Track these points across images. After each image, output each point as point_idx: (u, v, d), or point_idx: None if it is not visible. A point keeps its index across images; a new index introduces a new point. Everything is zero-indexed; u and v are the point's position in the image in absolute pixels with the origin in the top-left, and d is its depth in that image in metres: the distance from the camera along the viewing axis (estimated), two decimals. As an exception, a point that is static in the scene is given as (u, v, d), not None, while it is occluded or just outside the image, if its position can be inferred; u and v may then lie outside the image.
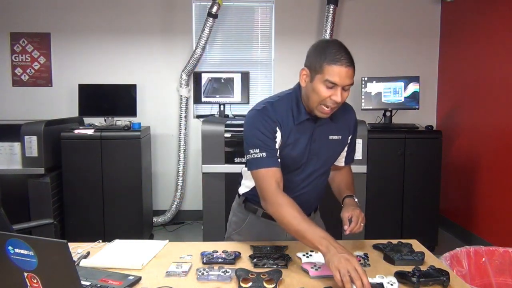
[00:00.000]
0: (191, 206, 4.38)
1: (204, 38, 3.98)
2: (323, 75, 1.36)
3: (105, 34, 4.24)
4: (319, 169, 1.56)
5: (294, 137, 1.47)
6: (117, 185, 3.50)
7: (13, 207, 2.36)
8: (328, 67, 1.35)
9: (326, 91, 1.37)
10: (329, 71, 1.35)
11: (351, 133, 1.63)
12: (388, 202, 3.54)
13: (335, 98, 1.37)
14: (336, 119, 1.54)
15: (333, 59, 1.35)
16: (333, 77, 1.35)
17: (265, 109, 1.46)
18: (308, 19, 4.30)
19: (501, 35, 3.37)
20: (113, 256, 1.45)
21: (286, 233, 1.58)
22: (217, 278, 1.28)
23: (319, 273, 1.30)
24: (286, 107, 1.48)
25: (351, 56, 1.38)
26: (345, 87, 1.39)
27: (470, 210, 3.75)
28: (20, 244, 0.93)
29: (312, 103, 1.43)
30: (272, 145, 1.44)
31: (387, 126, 3.80)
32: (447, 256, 1.78)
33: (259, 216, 1.61)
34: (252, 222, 1.64)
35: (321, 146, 1.52)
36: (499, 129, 3.37)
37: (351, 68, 1.37)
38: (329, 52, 1.36)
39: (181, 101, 4.20)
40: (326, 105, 1.40)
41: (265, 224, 1.61)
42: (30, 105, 4.22)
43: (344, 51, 1.37)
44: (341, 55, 1.35)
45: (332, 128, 1.54)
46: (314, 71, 1.39)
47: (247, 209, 1.65)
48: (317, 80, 1.39)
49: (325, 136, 1.53)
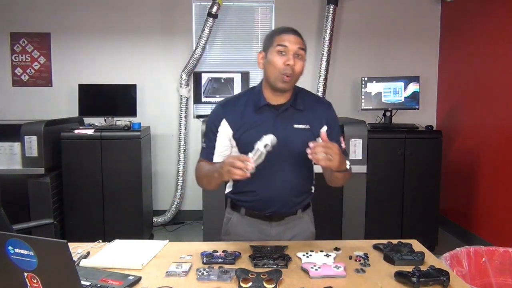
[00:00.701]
0: (191, 206, 4.38)
1: (204, 38, 3.98)
2: (274, 45, 1.50)
3: (105, 34, 4.24)
4: (287, 160, 1.55)
5: (252, 123, 1.54)
6: (117, 185, 3.50)
7: (13, 207, 2.36)
8: (277, 37, 1.50)
9: (279, 59, 1.49)
10: (279, 39, 1.49)
11: (326, 126, 1.58)
12: (388, 202, 3.53)
13: (288, 62, 1.47)
14: (302, 108, 1.58)
15: (281, 31, 1.52)
16: (282, 42, 1.48)
17: (219, 104, 1.62)
18: (308, 19, 4.30)
19: (501, 35, 3.37)
20: (113, 256, 1.45)
21: (270, 230, 1.62)
22: (217, 278, 1.28)
23: (319, 273, 1.30)
24: (244, 100, 1.60)
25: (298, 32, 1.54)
26: (297, 55, 1.49)
27: (470, 210, 3.75)
28: (20, 244, 0.93)
29: (272, 76, 1.51)
30: (213, 138, 1.59)
31: (387, 126, 3.80)
32: (447, 256, 1.78)
33: (243, 215, 1.64)
34: (237, 221, 1.66)
35: (285, 134, 1.51)
36: (499, 129, 3.37)
37: (298, 36, 1.51)
38: (276, 29, 1.55)
39: (181, 101, 4.20)
40: (284, 73, 1.48)
41: (249, 222, 1.63)
42: (30, 105, 4.22)
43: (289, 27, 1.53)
44: (286, 28, 1.52)
45: (297, 116, 1.57)
46: (267, 48, 1.53)
47: (232, 208, 1.69)
48: (270, 53, 1.51)
49: (289, 124, 1.55)
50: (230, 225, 1.68)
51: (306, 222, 1.68)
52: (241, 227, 1.65)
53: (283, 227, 1.63)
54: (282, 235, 1.63)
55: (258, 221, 1.62)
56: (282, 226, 1.63)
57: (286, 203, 1.59)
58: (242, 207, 1.64)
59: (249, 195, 1.60)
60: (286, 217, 1.62)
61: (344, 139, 1.67)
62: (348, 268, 1.36)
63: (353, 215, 3.35)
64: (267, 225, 1.62)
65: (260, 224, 1.62)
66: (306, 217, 1.68)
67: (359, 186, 3.34)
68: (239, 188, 1.63)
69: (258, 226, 1.62)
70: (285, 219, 1.62)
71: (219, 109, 1.59)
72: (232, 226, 1.67)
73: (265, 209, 1.59)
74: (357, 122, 3.47)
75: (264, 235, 1.63)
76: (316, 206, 1.76)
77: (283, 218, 1.62)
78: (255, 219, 1.62)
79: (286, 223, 1.63)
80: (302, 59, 1.51)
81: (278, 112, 1.55)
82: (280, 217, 1.61)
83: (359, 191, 3.35)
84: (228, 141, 1.58)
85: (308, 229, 1.69)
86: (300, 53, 1.50)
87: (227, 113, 1.57)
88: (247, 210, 1.63)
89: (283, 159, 1.54)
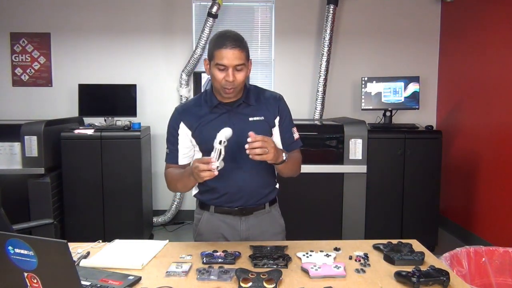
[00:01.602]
0: (191, 206, 4.36)
1: (204, 38, 3.98)
2: (214, 61, 1.52)
3: (105, 34, 4.24)
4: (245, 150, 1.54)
5: (209, 120, 1.60)
6: (117, 185, 3.50)
7: (13, 207, 2.36)
8: (216, 53, 1.50)
9: (219, 74, 1.52)
10: (218, 56, 1.50)
11: (278, 116, 1.67)
12: (388, 202, 3.53)
13: (227, 79, 1.50)
14: (254, 103, 1.64)
15: (219, 44, 1.50)
16: (221, 60, 1.49)
17: (175, 109, 1.70)
18: (308, 19, 4.30)
19: (501, 35, 3.37)
20: (113, 256, 1.46)
21: (240, 225, 1.66)
22: (217, 278, 1.28)
23: (319, 273, 1.30)
24: (198, 101, 1.67)
25: (238, 39, 1.51)
26: (237, 67, 1.51)
27: (470, 210, 3.75)
28: (20, 244, 0.93)
29: (216, 87, 1.57)
30: (174, 142, 1.66)
31: (387, 126, 3.80)
32: (447, 256, 1.78)
33: (212, 212, 1.68)
34: (207, 219, 1.70)
35: (242, 127, 1.56)
36: (499, 129, 3.37)
37: (237, 49, 1.49)
38: (216, 40, 1.53)
39: (181, 101, 4.20)
40: (225, 87, 1.53)
41: (219, 219, 1.67)
42: (30, 105, 4.21)
43: (230, 37, 1.50)
44: (225, 40, 1.49)
45: (250, 110, 1.63)
46: (210, 60, 1.55)
47: (201, 208, 1.73)
48: (212, 67, 1.54)
49: (244, 118, 1.61)
50: (200, 225, 1.71)
51: (274, 215, 1.73)
52: (212, 225, 1.68)
53: (253, 221, 1.67)
54: (253, 229, 1.67)
55: (228, 217, 1.66)
56: (252, 220, 1.67)
57: (252, 195, 1.65)
58: (211, 205, 1.68)
59: (215, 191, 1.65)
60: (255, 211, 1.67)
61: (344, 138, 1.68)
62: (348, 268, 1.36)
63: (353, 215, 3.35)
64: (237, 220, 1.66)
65: (230, 220, 1.66)
66: (274, 211, 1.74)
67: (359, 186, 3.34)
68: (204, 187, 1.68)
69: (228, 222, 1.66)
70: (254, 214, 1.67)
71: (175, 114, 1.67)
72: (202, 226, 1.71)
73: (233, 203, 1.64)
74: (357, 122, 3.47)
75: (235, 230, 1.67)
76: (316, 206, 1.76)
77: (252, 213, 1.67)
78: (224, 215, 1.67)
79: (255, 217, 1.68)
80: (242, 69, 1.53)
81: (232, 108, 1.61)
82: (249, 211, 1.66)
83: (359, 191, 3.35)
84: (189, 142, 1.66)
85: (277, 223, 1.74)
86: (240, 67, 1.51)
87: (183, 116, 1.65)
88: (216, 207, 1.67)
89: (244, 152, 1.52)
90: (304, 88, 4.36)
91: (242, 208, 1.65)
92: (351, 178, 3.33)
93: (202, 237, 1.70)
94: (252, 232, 1.67)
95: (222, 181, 1.58)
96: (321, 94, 4.07)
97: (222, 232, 1.67)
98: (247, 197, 1.64)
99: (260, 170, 1.64)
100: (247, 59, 1.55)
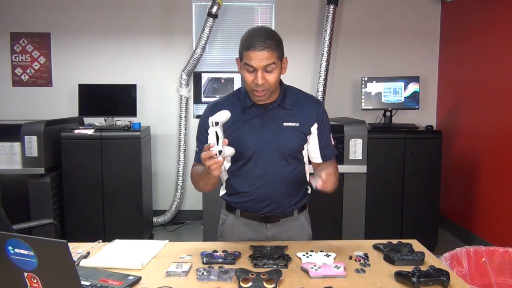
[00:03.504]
0: (191, 206, 4.38)
1: (204, 38, 3.98)
2: (243, 61, 1.45)
3: (105, 34, 4.24)
4: (277, 157, 1.55)
5: (241, 123, 1.54)
6: (117, 185, 3.50)
7: (13, 207, 2.36)
8: (245, 53, 1.44)
9: (249, 76, 1.45)
10: (246, 56, 1.43)
11: (316, 123, 1.59)
12: (388, 202, 3.53)
13: (257, 81, 1.44)
14: (290, 107, 1.57)
15: (248, 45, 1.42)
16: (249, 61, 1.43)
17: (207, 107, 1.63)
18: (308, 19, 4.30)
19: (501, 35, 3.37)
20: (113, 256, 1.45)
21: (266, 231, 1.61)
22: (217, 278, 1.28)
23: (319, 273, 1.30)
24: (231, 101, 1.59)
25: (269, 39, 1.43)
26: (267, 69, 1.43)
27: (470, 210, 3.75)
28: (20, 244, 0.93)
29: (247, 88, 1.51)
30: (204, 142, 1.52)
31: (387, 126, 3.80)
32: (447, 256, 1.78)
33: (238, 216, 1.63)
34: (232, 222, 1.65)
35: (274, 132, 1.52)
36: (499, 129, 3.37)
37: (266, 51, 1.41)
38: (246, 39, 1.45)
39: (181, 101, 4.20)
40: (255, 89, 1.47)
41: (244, 223, 1.62)
42: (30, 105, 4.22)
43: (259, 36, 1.42)
44: (255, 40, 1.42)
45: (285, 114, 1.56)
46: (240, 60, 1.49)
47: (227, 210, 1.68)
48: (241, 68, 1.48)
49: (278, 123, 1.54)
50: (225, 227, 1.67)
51: (302, 224, 1.66)
52: (237, 228, 1.64)
53: (279, 229, 1.62)
54: (278, 237, 1.62)
55: (254, 222, 1.61)
56: (278, 228, 1.61)
57: (280, 203, 1.58)
58: (237, 208, 1.63)
59: (242, 196, 1.59)
60: (281, 218, 1.61)
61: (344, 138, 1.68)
62: (348, 268, 1.36)
63: (353, 215, 3.35)
64: (263, 227, 1.61)
65: (255, 225, 1.61)
66: (302, 219, 1.67)
67: (359, 186, 3.34)
68: (232, 190, 1.62)
69: (254, 227, 1.61)
70: (280, 221, 1.61)
71: (207, 112, 1.59)
72: (227, 228, 1.66)
73: (260, 210, 1.58)
74: (357, 122, 3.47)
75: (260, 237, 1.62)
76: (316, 206, 1.76)
77: (279, 220, 1.61)
78: (250, 221, 1.61)
79: (282, 224, 1.61)
80: (274, 70, 1.45)
81: (266, 111, 1.55)
82: (275, 218, 1.60)
83: (359, 191, 3.35)
84: None
85: (304, 231, 1.67)
86: (270, 68, 1.43)
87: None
88: (242, 211, 1.62)
89: (274, 158, 1.54)
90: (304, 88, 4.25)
91: (268, 216, 1.59)
92: (351, 178, 3.33)
93: (225, 239, 1.65)
94: (277, 239, 1.61)
95: (249, 187, 1.56)
96: (321, 94, 4.07)
97: (246, 237, 1.61)
98: (275, 205, 1.58)
99: (291, 179, 1.58)
100: (279, 58, 1.45)
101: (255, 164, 1.55)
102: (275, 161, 1.53)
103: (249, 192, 1.57)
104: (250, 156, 1.54)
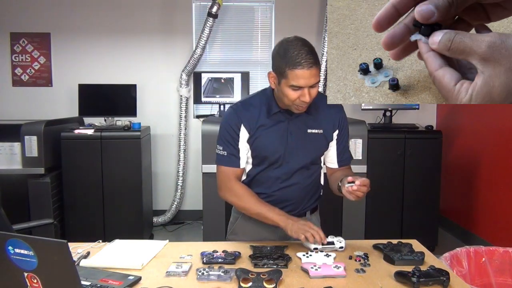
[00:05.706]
0: (191, 206, 4.38)
1: (204, 38, 3.98)
2: (287, 80, 1.39)
3: (105, 34, 4.24)
4: (300, 163, 1.56)
5: (266, 127, 1.53)
6: (117, 185, 3.50)
7: (13, 207, 2.36)
8: (291, 72, 1.37)
9: (294, 94, 1.41)
10: (293, 76, 1.37)
11: (337, 129, 1.61)
12: (388, 202, 3.53)
13: (303, 99, 1.41)
14: (314, 112, 1.55)
15: (294, 64, 1.36)
16: (297, 81, 1.37)
17: (233, 108, 1.57)
18: (308, 19, 4.30)
19: (501, 35, 3.36)
20: (113, 256, 1.46)
21: (279, 231, 1.60)
22: (217, 278, 1.28)
23: (319, 273, 1.30)
24: (258, 103, 1.56)
25: (312, 54, 1.39)
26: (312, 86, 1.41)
27: (470, 210, 3.75)
28: (20, 244, 0.93)
29: (286, 103, 1.47)
30: (235, 144, 1.54)
31: (387, 126, 3.80)
32: (447, 256, 1.77)
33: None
34: (244, 221, 1.66)
35: (299, 139, 1.53)
36: (499, 129, 3.37)
37: (314, 68, 1.37)
38: (290, 55, 1.37)
39: (181, 101, 4.20)
40: (298, 105, 1.44)
41: (255, 222, 1.62)
42: (30, 105, 4.21)
43: (304, 52, 1.37)
44: (301, 57, 1.36)
45: (310, 120, 1.56)
46: (279, 75, 1.42)
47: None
48: (283, 85, 1.41)
49: (302, 129, 1.55)
50: (237, 225, 1.67)
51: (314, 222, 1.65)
52: (248, 227, 1.64)
53: None
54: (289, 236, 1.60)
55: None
56: None
57: (296, 206, 1.61)
58: None
59: (260, 196, 1.58)
60: None
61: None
62: (348, 268, 1.36)
63: (353, 215, 3.35)
64: (276, 227, 1.59)
65: (269, 225, 1.59)
66: (314, 219, 1.69)
67: (359, 186, 3.34)
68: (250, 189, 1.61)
69: (267, 227, 1.60)
70: None
71: (234, 115, 1.55)
72: (239, 226, 1.67)
73: None
74: (357, 122, 3.46)
75: (271, 236, 1.62)
76: (316, 206, 1.76)
77: None
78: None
79: None
80: (316, 86, 1.42)
81: (292, 117, 1.54)
82: None
83: (359, 191, 3.34)
84: (246, 144, 1.56)
85: None
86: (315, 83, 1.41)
87: (243, 118, 1.54)
88: None
89: (296, 163, 1.55)
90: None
91: None
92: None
93: (235, 237, 1.66)
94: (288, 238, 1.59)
95: (268, 188, 1.56)
96: (321, 94, 4.06)
97: (257, 236, 1.62)
98: (291, 207, 1.59)
99: (309, 183, 1.61)
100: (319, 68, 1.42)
101: (277, 168, 1.56)
102: (296, 167, 1.55)
103: (267, 193, 1.58)
104: (273, 162, 1.55)
